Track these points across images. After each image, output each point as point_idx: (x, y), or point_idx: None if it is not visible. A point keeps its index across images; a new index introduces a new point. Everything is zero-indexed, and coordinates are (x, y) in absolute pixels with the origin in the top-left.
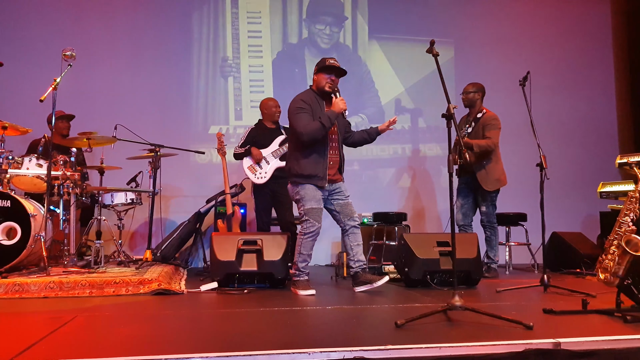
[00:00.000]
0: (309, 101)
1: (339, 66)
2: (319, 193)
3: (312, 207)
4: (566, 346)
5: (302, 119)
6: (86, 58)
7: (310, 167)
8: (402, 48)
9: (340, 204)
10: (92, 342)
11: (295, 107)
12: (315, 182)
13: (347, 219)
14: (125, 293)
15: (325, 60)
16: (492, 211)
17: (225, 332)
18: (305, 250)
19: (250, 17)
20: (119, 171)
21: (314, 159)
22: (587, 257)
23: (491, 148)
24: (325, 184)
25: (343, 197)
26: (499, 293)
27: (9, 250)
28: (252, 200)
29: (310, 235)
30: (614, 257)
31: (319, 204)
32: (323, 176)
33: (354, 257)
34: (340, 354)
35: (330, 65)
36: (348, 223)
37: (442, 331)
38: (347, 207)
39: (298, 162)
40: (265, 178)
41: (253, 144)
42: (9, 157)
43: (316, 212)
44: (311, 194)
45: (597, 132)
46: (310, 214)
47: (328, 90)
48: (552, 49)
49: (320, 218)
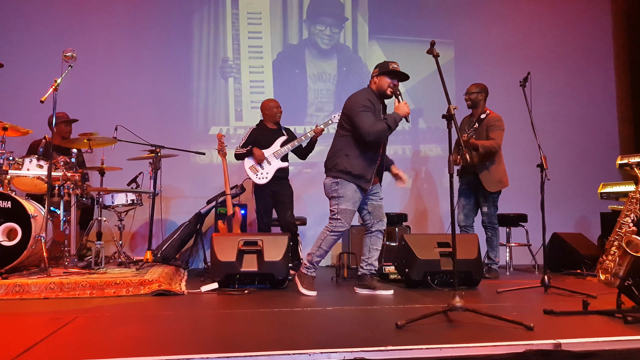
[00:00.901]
0: (373, 101)
1: (402, 71)
2: (358, 195)
3: (347, 208)
4: (567, 347)
5: (369, 118)
6: (87, 59)
7: (362, 168)
8: (403, 49)
9: (374, 205)
10: (93, 343)
11: (361, 105)
12: (360, 184)
13: (376, 220)
14: (126, 294)
15: (389, 64)
16: (493, 212)
17: (226, 332)
18: (326, 246)
19: (250, 18)
20: (119, 172)
21: (367, 161)
22: (588, 258)
23: (495, 149)
24: (369, 187)
25: (378, 198)
26: (499, 294)
27: (10, 251)
28: (252, 201)
29: (338, 234)
30: (614, 257)
31: (354, 207)
32: (370, 179)
33: (367, 259)
34: (341, 354)
35: (395, 69)
36: (376, 225)
37: (443, 332)
38: (379, 209)
39: (349, 160)
40: (267, 178)
41: (254, 144)
42: (9, 158)
43: (350, 213)
44: (350, 195)
45: (597, 133)
46: (343, 214)
47: (389, 94)
48: (552, 50)
49: (351, 220)
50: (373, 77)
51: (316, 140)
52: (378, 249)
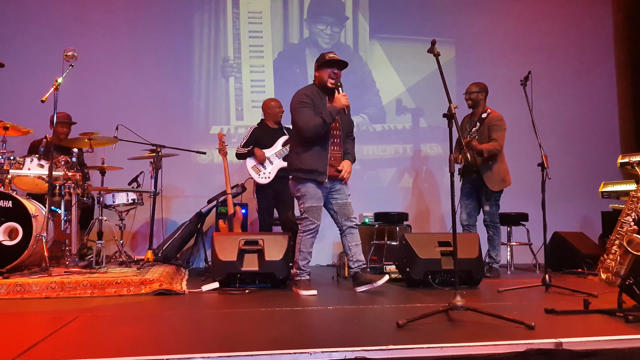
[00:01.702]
0: (312, 96)
1: (339, 59)
2: (319, 191)
3: (311, 205)
4: (568, 346)
5: (305, 114)
6: (88, 58)
7: (311, 162)
8: (403, 48)
9: (339, 203)
10: (94, 342)
11: (298, 101)
12: (315, 177)
13: (344, 219)
14: (127, 293)
15: (325, 55)
16: (495, 211)
17: (227, 332)
18: (304, 247)
19: (251, 17)
20: (120, 171)
21: (315, 154)
22: (589, 257)
23: (498, 151)
24: (325, 179)
25: (343, 196)
26: (500, 293)
27: (11, 251)
28: (253, 200)
29: (309, 233)
30: (615, 256)
31: (318, 202)
32: (323, 171)
33: (352, 257)
34: (342, 354)
35: (331, 59)
36: (345, 223)
37: (444, 331)
38: (345, 207)
39: (299, 157)
40: (269, 178)
41: (256, 143)
42: (10, 157)
43: (316, 210)
44: (312, 192)
45: (598, 132)
46: (309, 212)
47: (331, 85)
48: (553, 49)
49: (320, 216)
50: (315, 72)
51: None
52: (357, 243)
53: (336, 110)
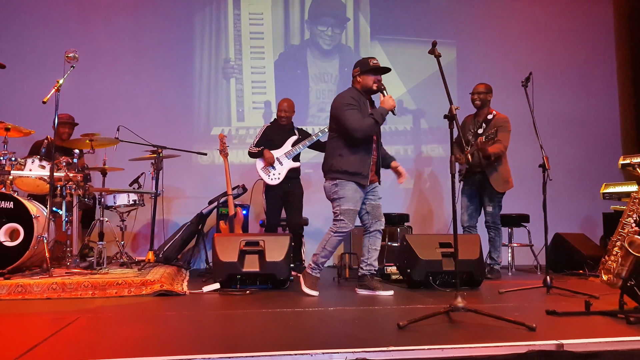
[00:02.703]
0: (357, 98)
1: (386, 67)
2: (359, 194)
3: (349, 208)
4: (569, 347)
5: (355, 115)
6: (89, 59)
7: (357, 165)
8: (404, 49)
9: (372, 204)
10: (95, 343)
11: (345, 104)
12: (359, 180)
13: (374, 220)
14: (128, 294)
15: (369, 60)
16: (497, 212)
17: (228, 333)
18: (330, 246)
19: (252, 19)
20: (121, 172)
21: (361, 157)
22: (590, 258)
23: (503, 152)
24: (367, 183)
25: (376, 198)
26: (501, 294)
27: (12, 252)
28: (259, 200)
29: (342, 235)
30: (617, 258)
31: (356, 206)
32: (367, 175)
33: (367, 259)
34: (343, 355)
35: (376, 66)
36: (374, 225)
37: (445, 332)
38: (377, 209)
39: (344, 159)
40: (279, 179)
41: (267, 142)
42: (11, 158)
43: (352, 213)
44: (351, 195)
45: (599, 133)
46: (346, 215)
47: (375, 89)
48: (554, 50)
49: (355, 220)
50: (355, 76)
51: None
52: (377, 249)
53: (386, 111)
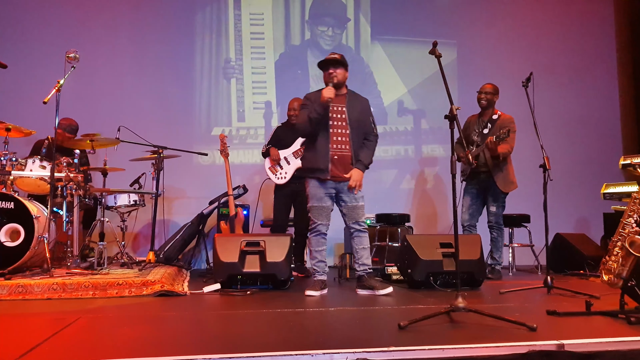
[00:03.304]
0: (313, 98)
1: (330, 57)
2: (321, 191)
3: (312, 205)
4: (570, 348)
5: (300, 115)
6: (89, 60)
7: (313, 160)
8: (405, 49)
9: (347, 206)
10: (96, 343)
11: (300, 105)
12: (318, 176)
13: (351, 222)
14: (129, 294)
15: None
16: (501, 212)
17: (228, 333)
18: (311, 246)
19: (252, 19)
20: (122, 173)
21: (316, 152)
22: (591, 259)
23: (510, 153)
24: (327, 177)
25: (351, 199)
26: (502, 294)
27: (13, 252)
28: (263, 201)
29: (312, 232)
30: (617, 258)
31: (319, 202)
32: (325, 168)
33: (358, 260)
34: (343, 355)
35: (321, 61)
36: (352, 226)
37: (446, 333)
38: (354, 210)
39: (305, 157)
40: (285, 178)
41: (277, 142)
42: (12, 158)
43: (317, 210)
44: (313, 192)
45: (600, 133)
46: (312, 212)
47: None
48: (554, 50)
49: (322, 216)
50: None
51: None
52: (365, 247)
53: (320, 104)
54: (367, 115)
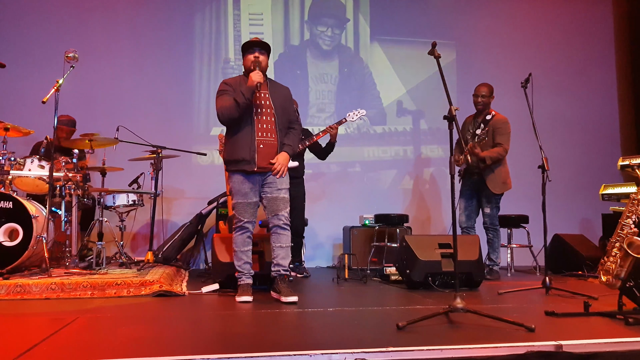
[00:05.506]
0: (233, 83)
1: (258, 39)
2: (246, 186)
3: (237, 201)
4: (568, 348)
5: (219, 100)
6: (88, 59)
7: (237, 151)
8: (404, 50)
9: (267, 197)
10: (94, 343)
11: (219, 91)
12: (244, 168)
13: (271, 215)
14: (127, 294)
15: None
16: (495, 213)
17: (227, 333)
18: (235, 246)
19: (252, 19)
20: (120, 172)
21: (239, 141)
22: (589, 260)
23: (502, 156)
24: (254, 168)
25: (273, 189)
26: (500, 295)
27: (11, 252)
28: None
29: (237, 231)
30: (616, 259)
31: (244, 199)
32: (251, 159)
33: (273, 259)
34: (342, 355)
35: (247, 42)
36: (271, 221)
37: (444, 333)
38: (274, 202)
39: (227, 149)
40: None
41: None
42: (11, 158)
43: (242, 207)
44: (237, 187)
45: (599, 134)
46: (235, 209)
47: (253, 68)
48: (554, 51)
49: (248, 213)
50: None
51: (335, 141)
52: (282, 246)
53: (247, 88)
54: (290, 103)
